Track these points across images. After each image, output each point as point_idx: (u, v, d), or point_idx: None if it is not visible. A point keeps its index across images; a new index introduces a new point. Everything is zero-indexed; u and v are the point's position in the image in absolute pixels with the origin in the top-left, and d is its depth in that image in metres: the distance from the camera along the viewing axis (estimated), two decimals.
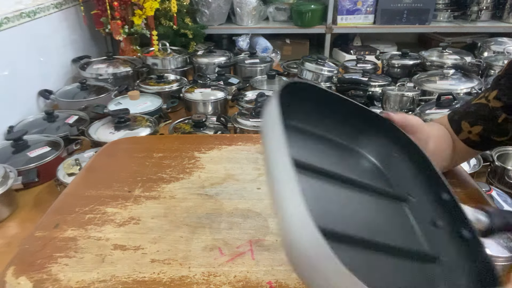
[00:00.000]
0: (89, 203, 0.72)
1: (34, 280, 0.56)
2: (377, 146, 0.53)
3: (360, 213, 0.46)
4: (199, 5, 2.42)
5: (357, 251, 0.41)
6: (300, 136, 0.49)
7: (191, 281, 0.56)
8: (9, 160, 1.31)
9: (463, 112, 0.72)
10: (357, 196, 0.48)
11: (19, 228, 1.17)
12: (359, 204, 0.47)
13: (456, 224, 0.43)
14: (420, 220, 0.48)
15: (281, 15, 2.62)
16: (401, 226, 0.48)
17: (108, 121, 1.53)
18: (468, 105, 0.72)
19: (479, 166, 1.29)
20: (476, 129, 0.69)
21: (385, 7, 2.50)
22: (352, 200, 0.47)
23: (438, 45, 2.24)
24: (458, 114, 0.72)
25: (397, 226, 0.48)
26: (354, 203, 0.47)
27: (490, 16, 2.64)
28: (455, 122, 0.72)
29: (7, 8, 1.61)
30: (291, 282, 0.56)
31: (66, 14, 2.07)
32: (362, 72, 2.03)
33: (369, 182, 0.48)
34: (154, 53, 2.15)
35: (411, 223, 0.48)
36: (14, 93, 1.63)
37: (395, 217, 0.48)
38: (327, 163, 0.47)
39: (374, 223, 0.46)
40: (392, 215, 0.48)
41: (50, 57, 1.92)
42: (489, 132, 0.68)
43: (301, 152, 0.47)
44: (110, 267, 0.58)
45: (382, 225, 0.46)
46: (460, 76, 1.81)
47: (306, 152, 0.48)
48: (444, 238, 0.45)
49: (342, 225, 0.42)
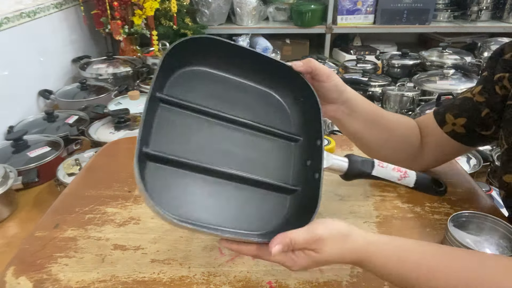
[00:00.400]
0: (89, 203, 0.72)
1: (34, 280, 0.56)
2: (286, 91, 0.61)
3: (240, 149, 0.57)
4: (199, 5, 2.42)
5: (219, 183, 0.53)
6: (208, 77, 0.58)
7: (191, 281, 0.56)
8: (9, 160, 1.31)
9: (448, 105, 0.72)
10: (246, 136, 0.58)
11: (19, 228, 1.17)
12: (247, 143, 0.58)
13: (315, 166, 0.54)
14: (298, 159, 0.59)
15: (281, 15, 2.62)
16: (282, 162, 0.58)
17: (108, 121, 1.53)
18: (454, 99, 0.73)
19: (479, 166, 1.29)
20: (460, 121, 0.69)
21: (385, 7, 2.50)
22: (240, 139, 0.57)
23: (438, 45, 2.24)
24: (443, 108, 0.72)
25: (278, 162, 0.58)
26: (241, 142, 0.57)
27: (490, 16, 2.64)
28: (439, 115, 0.72)
29: (7, 8, 1.61)
30: (291, 282, 0.57)
31: (66, 14, 2.06)
32: (362, 72, 2.03)
33: (263, 125, 0.58)
34: (154, 53, 2.15)
35: (291, 161, 0.59)
36: (14, 93, 1.63)
37: (281, 154, 0.59)
38: (231, 106, 0.58)
39: (254, 159, 0.57)
40: (279, 153, 0.59)
41: (50, 57, 1.92)
42: (473, 124, 0.68)
43: (203, 92, 0.57)
44: (110, 267, 0.58)
45: (266, 162, 0.57)
46: (460, 76, 1.81)
47: (209, 92, 0.57)
48: (306, 175, 0.56)
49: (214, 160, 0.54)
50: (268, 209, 0.55)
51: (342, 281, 0.57)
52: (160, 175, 0.51)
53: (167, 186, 0.51)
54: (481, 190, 0.77)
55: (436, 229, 0.66)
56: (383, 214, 0.70)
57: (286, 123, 0.61)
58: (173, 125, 0.54)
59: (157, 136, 0.52)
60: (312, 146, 0.56)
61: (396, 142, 0.71)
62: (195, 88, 0.57)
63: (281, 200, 0.56)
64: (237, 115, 0.57)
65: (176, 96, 0.55)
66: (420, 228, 0.67)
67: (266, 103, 0.61)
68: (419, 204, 0.72)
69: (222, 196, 0.54)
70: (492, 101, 0.65)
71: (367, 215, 0.70)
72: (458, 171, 0.83)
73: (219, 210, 0.53)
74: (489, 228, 0.60)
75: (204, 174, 0.53)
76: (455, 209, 0.71)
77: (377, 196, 0.75)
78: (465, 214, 0.62)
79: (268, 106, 0.61)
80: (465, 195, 0.75)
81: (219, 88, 0.58)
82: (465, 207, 0.72)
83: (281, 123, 0.60)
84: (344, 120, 0.66)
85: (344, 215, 0.70)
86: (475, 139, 0.70)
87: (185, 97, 0.55)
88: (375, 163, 0.58)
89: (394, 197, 0.75)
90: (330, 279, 0.57)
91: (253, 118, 0.58)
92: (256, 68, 0.59)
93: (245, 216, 0.53)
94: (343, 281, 0.57)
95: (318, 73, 0.59)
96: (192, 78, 0.57)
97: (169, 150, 0.52)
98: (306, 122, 0.60)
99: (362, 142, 0.72)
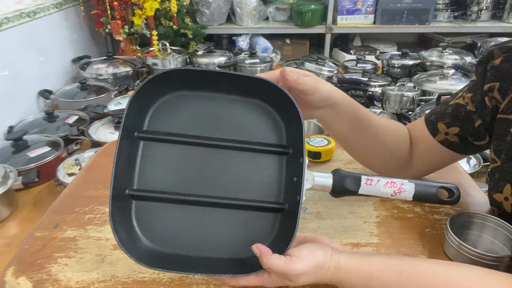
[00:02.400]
0: (89, 203, 0.72)
1: (34, 280, 0.56)
2: (267, 104, 0.58)
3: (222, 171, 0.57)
4: (199, 5, 2.42)
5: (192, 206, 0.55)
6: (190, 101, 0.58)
7: (191, 281, 0.56)
8: (9, 160, 1.31)
9: (440, 113, 0.68)
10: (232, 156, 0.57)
11: (19, 228, 1.17)
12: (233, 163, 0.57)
13: (298, 186, 0.52)
14: (287, 174, 0.57)
15: (281, 15, 2.62)
16: (271, 179, 0.57)
17: (108, 121, 1.53)
18: (446, 105, 0.68)
19: (479, 166, 1.29)
20: (453, 130, 0.66)
21: (385, 7, 2.50)
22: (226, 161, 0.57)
23: (438, 45, 2.25)
24: (435, 114, 0.69)
25: (267, 179, 0.57)
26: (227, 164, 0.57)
27: (490, 16, 2.64)
28: (431, 123, 0.68)
29: (7, 8, 1.61)
30: None
31: (66, 14, 2.07)
32: (362, 72, 2.03)
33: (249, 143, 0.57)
34: (154, 53, 2.15)
35: (280, 175, 0.57)
36: (14, 93, 1.63)
37: (268, 170, 0.57)
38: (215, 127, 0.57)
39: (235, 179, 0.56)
40: (267, 169, 0.57)
41: (50, 57, 1.92)
42: (467, 134, 0.65)
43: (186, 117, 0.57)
44: (110, 267, 0.58)
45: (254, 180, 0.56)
46: (460, 76, 1.81)
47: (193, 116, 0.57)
48: (292, 193, 0.54)
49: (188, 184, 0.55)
50: (257, 229, 0.55)
51: None
52: (147, 210, 0.55)
53: (154, 220, 0.55)
54: (481, 190, 0.77)
55: (436, 229, 0.66)
56: (383, 214, 0.70)
57: (271, 136, 0.59)
58: (157, 159, 0.56)
59: (140, 174, 0.55)
60: (297, 163, 0.54)
61: (385, 150, 0.68)
62: (176, 117, 0.57)
63: (271, 218, 0.56)
64: (222, 137, 0.57)
65: (156, 129, 0.56)
66: (420, 228, 0.67)
67: (249, 119, 0.59)
68: (419, 204, 0.72)
69: (208, 223, 0.55)
70: (482, 112, 0.62)
71: (367, 215, 0.70)
72: (458, 171, 0.83)
73: (206, 237, 0.55)
74: (489, 228, 0.60)
75: (190, 205, 0.55)
76: (455, 209, 0.71)
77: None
78: (465, 214, 0.62)
79: (251, 122, 0.59)
80: (465, 195, 0.75)
81: (200, 111, 0.58)
82: (465, 207, 0.72)
83: (267, 137, 0.58)
84: (330, 122, 0.63)
85: (344, 215, 0.70)
86: (469, 147, 0.67)
87: (166, 128, 0.57)
88: (361, 180, 0.55)
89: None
90: None
91: (238, 137, 0.58)
92: (232, 86, 0.57)
93: (234, 239, 0.54)
94: None
95: (303, 88, 0.56)
96: (171, 108, 0.57)
97: (154, 186, 0.55)
98: (292, 134, 0.58)
99: (349, 147, 0.70)
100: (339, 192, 0.56)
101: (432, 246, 0.62)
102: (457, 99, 0.67)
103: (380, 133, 0.66)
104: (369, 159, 0.71)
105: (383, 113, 1.53)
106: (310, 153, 0.83)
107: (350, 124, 0.63)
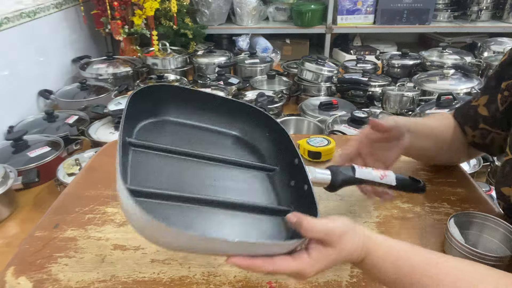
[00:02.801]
0: (89, 203, 0.72)
1: (34, 280, 0.56)
2: (251, 128, 0.63)
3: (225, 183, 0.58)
4: (199, 5, 2.42)
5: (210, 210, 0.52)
6: (174, 126, 0.60)
7: (191, 281, 0.56)
8: (9, 160, 1.31)
9: (465, 116, 0.73)
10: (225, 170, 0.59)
11: (19, 228, 1.17)
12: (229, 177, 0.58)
13: (301, 181, 0.54)
14: (280, 184, 0.59)
15: (281, 15, 2.62)
16: (264, 191, 0.59)
17: (108, 121, 1.53)
18: (468, 105, 0.74)
19: (479, 166, 1.29)
20: (478, 133, 0.71)
21: (385, 7, 2.50)
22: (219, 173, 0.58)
23: (438, 45, 2.24)
24: (460, 116, 0.74)
25: (262, 191, 0.59)
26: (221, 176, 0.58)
27: (490, 16, 2.64)
28: (459, 126, 0.74)
29: (7, 8, 1.61)
30: (291, 282, 0.56)
31: (66, 14, 2.07)
32: (362, 72, 2.03)
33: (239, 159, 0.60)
34: (154, 53, 2.15)
35: (271, 187, 0.59)
36: (14, 93, 1.63)
37: (260, 184, 0.59)
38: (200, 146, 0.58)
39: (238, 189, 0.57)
40: (259, 184, 0.59)
41: (50, 57, 1.92)
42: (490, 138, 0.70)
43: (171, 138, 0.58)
44: (110, 267, 0.58)
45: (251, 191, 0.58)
46: (460, 76, 1.81)
47: (177, 138, 0.59)
48: (295, 194, 0.57)
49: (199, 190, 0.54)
50: (269, 233, 0.53)
51: (342, 281, 0.57)
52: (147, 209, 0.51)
53: None
54: (481, 190, 0.77)
55: (436, 229, 0.66)
56: (383, 214, 0.70)
57: (257, 158, 0.62)
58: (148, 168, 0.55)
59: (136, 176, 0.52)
60: (292, 167, 0.57)
61: (445, 144, 0.74)
62: (163, 135, 0.58)
63: (278, 223, 0.54)
64: (213, 154, 0.59)
65: (146, 140, 0.56)
66: (420, 228, 0.67)
67: (233, 142, 0.62)
68: (419, 204, 0.72)
69: (223, 225, 0.52)
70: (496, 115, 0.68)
71: (367, 215, 0.70)
72: (458, 171, 0.83)
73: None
74: (489, 228, 0.60)
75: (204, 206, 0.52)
76: (455, 209, 0.71)
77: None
78: (465, 214, 0.62)
79: (236, 145, 0.62)
80: (465, 195, 0.75)
81: (184, 134, 0.60)
82: (465, 207, 0.72)
83: (253, 159, 0.61)
84: (408, 147, 0.68)
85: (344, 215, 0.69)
86: (494, 148, 0.73)
87: (155, 141, 0.57)
88: (355, 167, 0.59)
89: (394, 197, 0.74)
90: (330, 279, 0.57)
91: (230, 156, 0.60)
92: (218, 109, 0.60)
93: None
94: (343, 281, 0.57)
95: (393, 133, 0.64)
96: (156, 129, 0.58)
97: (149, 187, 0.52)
98: (279, 151, 0.61)
99: (421, 155, 0.78)
100: (337, 184, 0.58)
101: (432, 246, 0.62)
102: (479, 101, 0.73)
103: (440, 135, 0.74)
104: (437, 158, 0.79)
105: (383, 113, 1.53)
106: (310, 153, 0.83)
107: (418, 138, 0.69)
